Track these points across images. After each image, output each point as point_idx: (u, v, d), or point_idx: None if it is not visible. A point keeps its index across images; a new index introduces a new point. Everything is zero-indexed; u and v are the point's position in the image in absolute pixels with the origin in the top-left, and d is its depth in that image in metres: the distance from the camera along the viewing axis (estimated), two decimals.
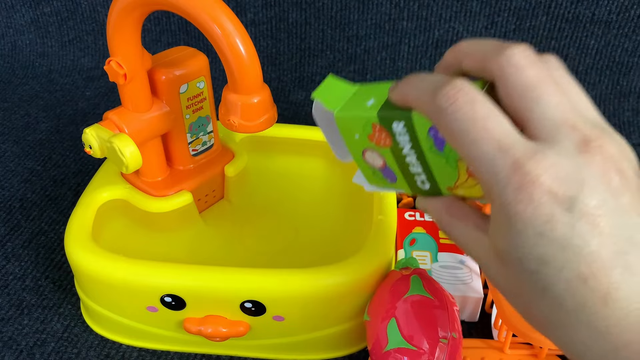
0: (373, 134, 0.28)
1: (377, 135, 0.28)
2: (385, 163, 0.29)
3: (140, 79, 0.42)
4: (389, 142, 0.28)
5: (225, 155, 0.51)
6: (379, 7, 0.74)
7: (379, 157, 0.29)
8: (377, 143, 0.28)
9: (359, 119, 0.28)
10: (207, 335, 0.42)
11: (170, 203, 0.46)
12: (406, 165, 0.28)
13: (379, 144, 0.28)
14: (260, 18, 0.78)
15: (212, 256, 0.46)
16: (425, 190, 0.29)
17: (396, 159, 0.28)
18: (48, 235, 0.56)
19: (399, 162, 0.28)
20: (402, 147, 0.27)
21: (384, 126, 0.27)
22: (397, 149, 0.28)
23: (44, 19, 0.85)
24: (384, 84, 0.28)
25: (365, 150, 0.29)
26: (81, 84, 0.82)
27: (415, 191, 0.30)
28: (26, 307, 0.49)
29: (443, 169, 0.27)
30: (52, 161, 0.67)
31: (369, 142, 0.29)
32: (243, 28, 0.36)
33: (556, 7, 0.71)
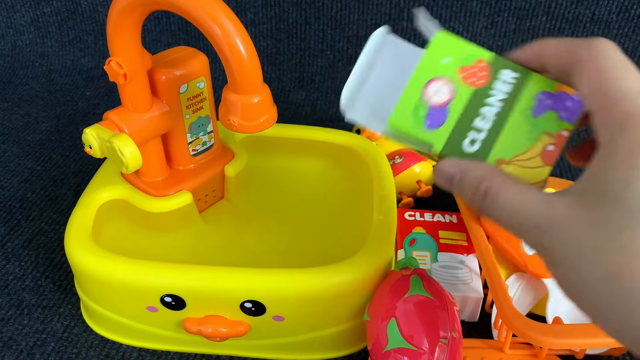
0: (470, 67, 0.27)
1: (473, 72, 0.27)
2: (450, 101, 0.27)
3: (140, 79, 0.42)
4: (482, 83, 0.27)
5: (225, 155, 0.51)
6: (379, 7, 0.74)
7: (448, 93, 0.27)
8: (465, 78, 0.27)
9: (466, 47, 0.28)
10: (207, 335, 0.42)
11: (170, 203, 0.46)
12: (476, 115, 0.27)
13: (467, 80, 0.27)
14: (260, 18, 0.78)
15: (212, 256, 0.46)
16: (466, 152, 0.27)
17: (470, 104, 0.27)
18: (48, 235, 0.56)
19: (470, 108, 0.27)
20: (494, 95, 0.27)
21: (493, 67, 0.27)
22: (483, 94, 0.27)
23: (44, 19, 0.85)
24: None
25: (436, 79, 0.27)
26: (81, 84, 0.82)
27: (450, 151, 0.27)
28: (26, 307, 0.49)
29: (517, 136, 0.27)
30: (52, 161, 0.67)
31: (454, 73, 0.27)
32: (243, 28, 0.36)
33: (556, 7, 0.71)
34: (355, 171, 0.54)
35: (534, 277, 0.45)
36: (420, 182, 0.58)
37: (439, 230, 0.52)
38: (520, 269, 0.46)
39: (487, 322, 0.47)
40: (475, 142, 0.27)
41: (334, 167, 0.55)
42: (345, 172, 0.55)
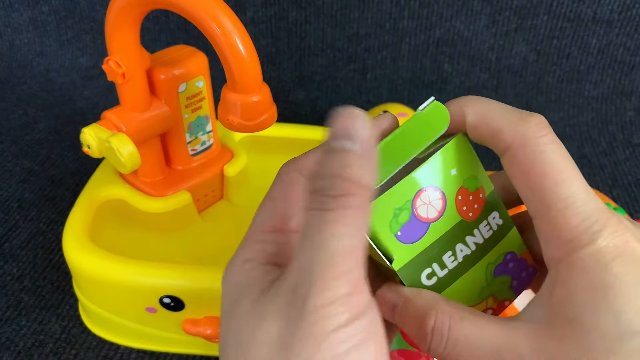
0: (470, 193, 0.24)
1: (470, 200, 0.24)
2: (435, 221, 0.23)
3: (139, 78, 0.42)
4: (471, 217, 0.24)
5: (224, 155, 0.50)
6: (379, 5, 0.74)
7: (438, 210, 0.23)
8: (460, 204, 0.24)
9: (475, 167, 0.24)
10: (206, 336, 0.42)
11: (169, 203, 0.46)
12: (448, 249, 0.24)
13: (461, 206, 0.24)
14: (259, 17, 0.78)
15: (211, 256, 0.46)
16: (420, 283, 0.24)
17: (450, 233, 0.24)
18: (46, 235, 0.56)
19: (447, 238, 0.24)
20: (474, 235, 0.24)
21: (488, 203, 0.24)
22: (466, 230, 0.24)
23: (42, 18, 0.84)
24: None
25: (434, 188, 0.23)
26: (79, 84, 0.81)
27: (406, 274, 0.23)
28: (24, 308, 0.49)
29: (471, 288, 0.24)
30: (50, 161, 0.66)
31: (453, 192, 0.24)
32: (242, 27, 0.36)
33: (558, 6, 0.71)
34: None
35: None
36: None
37: None
38: None
39: None
40: (432, 277, 0.24)
41: None
42: None
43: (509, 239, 0.25)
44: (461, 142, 0.24)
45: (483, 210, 0.24)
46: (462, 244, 0.24)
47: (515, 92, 0.75)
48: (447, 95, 0.76)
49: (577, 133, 0.72)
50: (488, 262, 0.25)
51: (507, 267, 0.25)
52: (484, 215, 0.24)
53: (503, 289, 0.25)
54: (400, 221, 0.23)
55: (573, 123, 0.73)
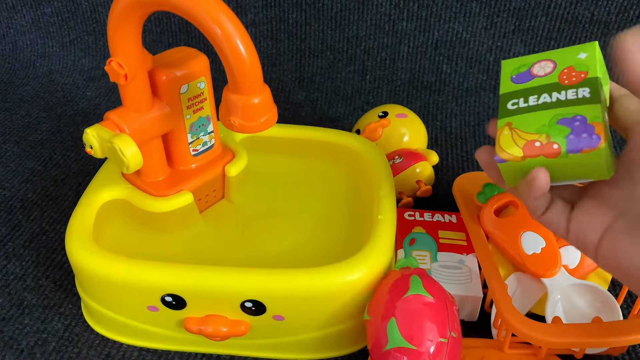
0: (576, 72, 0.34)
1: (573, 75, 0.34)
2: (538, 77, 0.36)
3: (141, 80, 0.42)
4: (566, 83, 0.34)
5: (225, 156, 0.51)
6: (378, 7, 0.75)
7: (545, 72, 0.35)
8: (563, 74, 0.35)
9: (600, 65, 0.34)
10: (208, 334, 0.42)
11: (171, 203, 0.46)
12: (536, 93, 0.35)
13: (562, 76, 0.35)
14: (260, 19, 0.78)
15: (213, 256, 0.47)
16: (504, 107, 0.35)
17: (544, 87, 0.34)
18: (49, 235, 0.56)
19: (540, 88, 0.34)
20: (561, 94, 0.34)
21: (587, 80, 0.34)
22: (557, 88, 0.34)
23: (44, 20, 0.85)
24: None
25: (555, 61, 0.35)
26: (82, 84, 0.82)
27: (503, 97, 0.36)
28: (27, 307, 0.49)
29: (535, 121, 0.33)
30: (53, 161, 0.67)
31: (564, 65, 0.35)
32: (243, 29, 0.36)
33: (555, 8, 0.71)
34: (355, 171, 0.54)
35: (533, 277, 0.45)
36: (420, 182, 0.58)
37: (439, 230, 0.52)
38: (519, 268, 0.46)
39: (487, 321, 0.47)
40: (514, 105, 0.34)
41: (334, 168, 0.55)
42: (345, 172, 0.55)
43: (587, 108, 0.32)
44: (595, 46, 0.34)
45: (577, 84, 0.33)
46: (547, 94, 0.34)
47: None
48: (446, 95, 0.77)
49: None
50: (558, 112, 0.33)
51: (572, 123, 0.32)
52: (576, 86, 0.33)
53: (558, 134, 0.32)
54: (521, 69, 0.36)
55: None
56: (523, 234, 0.46)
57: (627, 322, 0.42)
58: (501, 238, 0.46)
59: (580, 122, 0.32)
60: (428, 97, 0.77)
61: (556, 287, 0.44)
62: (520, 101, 0.34)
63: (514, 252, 0.45)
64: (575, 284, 0.45)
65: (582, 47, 0.35)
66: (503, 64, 0.38)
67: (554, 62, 0.35)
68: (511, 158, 0.33)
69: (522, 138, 0.33)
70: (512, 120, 0.34)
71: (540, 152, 0.32)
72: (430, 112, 0.75)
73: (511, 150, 0.33)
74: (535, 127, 0.33)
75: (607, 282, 0.48)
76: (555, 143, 0.32)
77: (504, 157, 0.33)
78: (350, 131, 0.58)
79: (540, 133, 0.33)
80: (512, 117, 0.34)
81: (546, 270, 0.45)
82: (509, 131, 0.34)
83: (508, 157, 0.33)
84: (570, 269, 0.46)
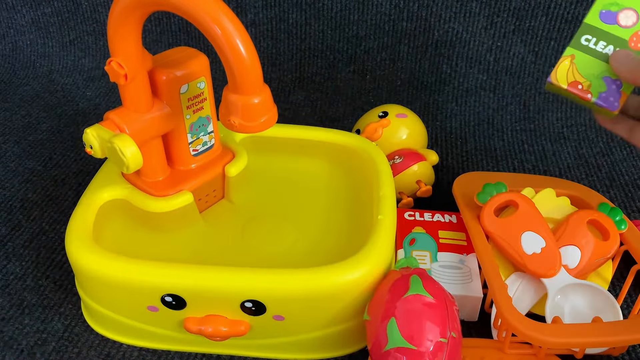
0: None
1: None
2: (619, 24, 0.43)
3: (141, 80, 0.42)
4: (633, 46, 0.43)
5: (225, 156, 0.51)
6: (378, 7, 0.75)
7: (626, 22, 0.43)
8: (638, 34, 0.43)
9: None
10: (208, 334, 0.42)
11: (171, 203, 0.46)
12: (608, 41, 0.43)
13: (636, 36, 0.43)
14: (260, 19, 0.78)
15: (213, 256, 0.47)
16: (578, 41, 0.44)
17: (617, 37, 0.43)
18: (49, 235, 0.56)
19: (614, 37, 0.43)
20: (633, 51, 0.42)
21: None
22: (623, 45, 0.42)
23: (44, 20, 0.85)
24: None
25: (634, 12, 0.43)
26: (82, 84, 0.82)
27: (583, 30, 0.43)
28: (27, 307, 0.49)
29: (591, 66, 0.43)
30: (53, 161, 0.67)
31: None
32: (243, 29, 0.36)
33: (555, 8, 0.71)
34: (355, 171, 0.54)
35: (534, 277, 0.46)
36: (420, 182, 0.58)
37: (439, 230, 0.52)
38: (519, 268, 0.46)
39: (487, 321, 0.47)
40: (587, 42, 0.43)
41: (334, 167, 0.55)
42: (345, 172, 0.55)
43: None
44: None
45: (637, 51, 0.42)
46: (613, 47, 0.42)
47: (513, 92, 0.76)
48: (446, 96, 0.77)
49: (575, 133, 0.72)
50: (609, 69, 0.42)
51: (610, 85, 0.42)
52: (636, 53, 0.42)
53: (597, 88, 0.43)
54: (612, 10, 0.43)
55: (570, 124, 0.74)
56: (523, 234, 0.46)
57: (627, 322, 0.42)
58: (501, 238, 0.46)
59: (616, 88, 0.43)
60: (428, 97, 0.77)
61: (556, 287, 0.44)
62: (593, 41, 0.43)
63: (514, 252, 0.45)
64: (575, 284, 0.45)
65: None
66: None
67: (638, 16, 0.43)
68: (557, 84, 0.44)
69: (573, 75, 0.44)
70: (576, 54, 0.44)
71: (578, 93, 0.43)
72: (430, 112, 0.75)
73: (561, 80, 0.44)
74: (586, 73, 0.43)
75: (607, 282, 0.48)
76: (590, 93, 0.43)
77: (553, 81, 0.44)
78: (350, 131, 0.58)
79: (587, 80, 0.43)
80: (578, 52, 0.44)
81: (546, 270, 0.45)
82: (569, 63, 0.44)
83: (555, 83, 0.44)
84: (570, 269, 0.46)
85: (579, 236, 0.47)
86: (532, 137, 0.72)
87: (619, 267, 0.52)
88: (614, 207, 0.49)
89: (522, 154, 0.69)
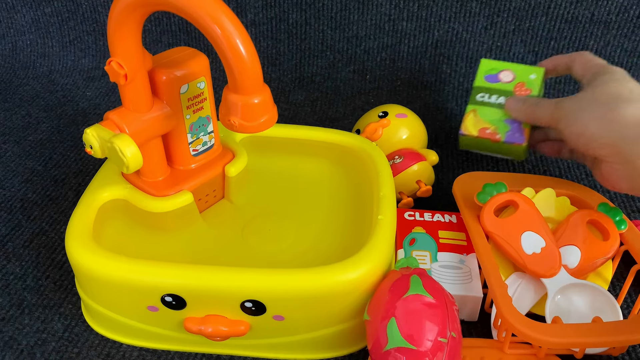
0: (526, 89, 0.55)
1: (523, 90, 0.54)
2: (502, 81, 0.55)
3: (141, 79, 0.42)
4: (520, 93, 0.55)
5: (225, 156, 0.51)
6: (378, 7, 0.75)
7: (506, 80, 0.55)
8: (518, 86, 0.55)
9: (541, 86, 0.55)
10: (208, 334, 0.42)
11: (171, 203, 0.46)
12: (497, 94, 0.55)
13: (517, 88, 0.55)
14: (260, 19, 0.78)
15: (213, 256, 0.47)
16: (474, 97, 0.56)
17: (502, 90, 0.55)
18: (49, 235, 0.57)
19: (500, 90, 0.55)
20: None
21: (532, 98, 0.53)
22: (509, 94, 0.55)
23: (44, 20, 0.85)
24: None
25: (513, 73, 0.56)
26: (82, 84, 0.82)
27: (475, 90, 0.56)
28: (27, 307, 0.49)
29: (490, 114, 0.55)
30: (52, 161, 0.67)
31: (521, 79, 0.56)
32: (243, 28, 0.37)
33: (555, 8, 0.71)
34: (355, 171, 0.54)
35: (534, 277, 0.46)
36: (420, 182, 0.58)
37: (439, 230, 0.52)
38: (519, 268, 0.46)
39: (487, 321, 0.47)
40: (482, 98, 0.55)
41: (334, 168, 0.55)
42: (345, 172, 0.55)
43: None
44: (539, 70, 0.55)
45: (527, 92, 0.54)
46: (504, 97, 0.54)
47: None
48: (446, 95, 0.77)
49: None
50: (507, 113, 0.54)
51: (512, 124, 0.53)
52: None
53: (502, 129, 0.54)
54: (491, 72, 0.56)
55: None
56: (523, 234, 0.46)
57: (627, 322, 0.42)
58: (501, 238, 0.46)
59: (518, 126, 0.53)
60: (428, 97, 0.77)
61: (556, 287, 0.44)
62: (486, 96, 0.55)
63: (514, 252, 0.45)
64: (575, 284, 0.45)
65: (535, 69, 0.55)
66: (482, 61, 0.57)
67: (514, 74, 0.55)
68: (469, 134, 0.54)
69: (479, 124, 0.54)
70: (477, 108, 0.55)
71: (488, 137, 0.53)
72: (430, 112, 0.75)
73: (472, 130, 0.54)
74: (490, 120, 0.54)
75: (607, 282, 0.48)
76: (498, 134, 0.53)
77: (465, 132, 0.54)
78: (350, 131, 0.58)
79: (492, 125, 0.54)
80: (478, 107, 0.55)
81: (546, 270, 0.45)
82: (473, 115, 0.54)
83: (467, 133, 0.54)
84: (570, 269, 0.46)
85: (579, 236, 0.47)
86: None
87: (619, 267, 0.52)
88: (614, 207, 0.49)
89: None
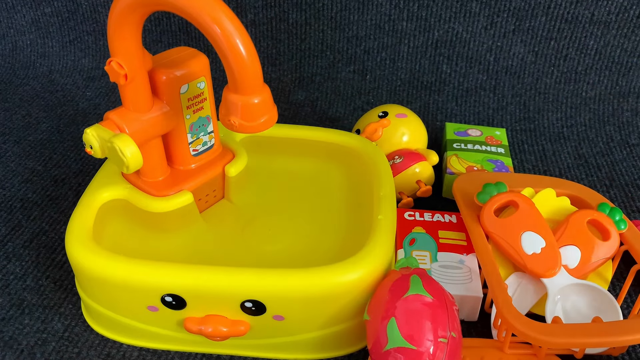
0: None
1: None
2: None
3: (141, 79, 0.42)
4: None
5: (225, 155, 0.51)
6: (378, 7, 0.75)
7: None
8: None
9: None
10: (208, 334, 0.42)
11: (171, 203, 0.46)
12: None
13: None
14: (260, 19, 0.78)
15: (213, 256, 0.47)
16: None
17: None
18: (49, 235, 0.57)
19: None
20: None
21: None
22: None
23: (44, 20, 0.85)
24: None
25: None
26: (82, 84, 0.82)
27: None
28: (27, 307, 0.49)
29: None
30: (53, 161, 0.67)
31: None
32: (243, 28, 0.37)
33: (555, 8, 0.71)
34: (355, 171, 0.54)
35: (534, 277, 0.46)
36: (420, 182, 0.58)
37: (439, 230, 0.52)
38: (519, 268, 0.46)
39: (487, 321, 0.47)
40: (458, 146, 0.63)
41: (334, 167, 0.55)
42: (345, 172, 0.55)
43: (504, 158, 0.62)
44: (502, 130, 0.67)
45: (497, 145, 0.63)
46: (479, 145, 0.63)
47: (513, 93, 0.76)
48: (446, 95, 0.77)
49: (575, 133, 0.72)
50: (487, 155, 0.61)
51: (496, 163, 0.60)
52: (496, 146, 0.63)
53: (488, 167, 0.59)
54: (459, 130, 0.66)
55: (570, 124, 0.74)
56: (523, 234, 0.46)
57: (627, 322, 0.42)
58: (501, 238, 0.46)
59: (501, 164, 0.60)
60: (428, 97, 0.77)
61: (556, 287, 0.44)
62: (462, 144, 0.62)
63: (514, 252, 0.46)
64: (575, 284, 0.45)
65: (497, 129, 0.66)
66: (447, 125, 0.67)
67: (480, 132, 0.65)
68: (457, 172, 0.58)
69: (464, 163, 0.59)
70: (457, 153, 0.61)
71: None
72: (430, 112, 0.76)
73: (458, 169, 0.59)
74: (474, 160, 0.60)
75: (607, 282, 0.48)
76: (485, 171, 0.58)
77: (453, 171, 0.59)
78: (350, 131, 0.58)
79: (477, 164, 0.59)
80: (458, 152, 0.61)
81: (546, 270, 0.45)
82: (456, 158, 0.60)
83: (456, 172, 0.59)
84: (570, 269, 0.46)
85: (579, 236, 0.47)
86: (532, 137, 0.72)
87: (619, 267, 0.52)
88: (614, 207, 0.49)
89: (522, 154, 0.69)
